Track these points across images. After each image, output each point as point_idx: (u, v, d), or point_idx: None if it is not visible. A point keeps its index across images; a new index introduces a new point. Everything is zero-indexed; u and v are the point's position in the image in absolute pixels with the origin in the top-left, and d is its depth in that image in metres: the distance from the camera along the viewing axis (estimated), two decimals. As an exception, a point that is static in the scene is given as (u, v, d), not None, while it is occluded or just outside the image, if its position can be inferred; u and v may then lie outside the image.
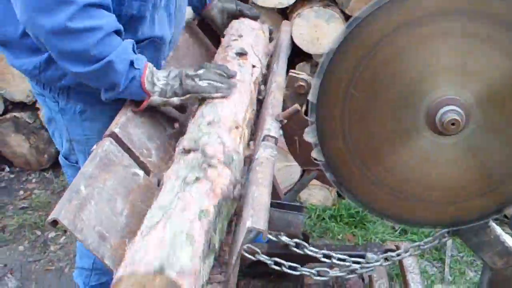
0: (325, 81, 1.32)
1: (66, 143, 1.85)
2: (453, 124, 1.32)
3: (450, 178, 1.44)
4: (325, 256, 1.68)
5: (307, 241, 2.48)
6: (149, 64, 1.60)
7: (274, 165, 1.44)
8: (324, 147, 1.39)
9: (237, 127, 1.54)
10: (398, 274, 2.57)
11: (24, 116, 3.24)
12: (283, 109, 1.71)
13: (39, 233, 2.93)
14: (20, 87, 3.15)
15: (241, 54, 1.85)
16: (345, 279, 2.67)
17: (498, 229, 1.65)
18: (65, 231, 2.91)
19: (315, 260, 1.67)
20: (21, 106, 3.28)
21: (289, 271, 1.60)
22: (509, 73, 1.31)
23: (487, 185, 1.45)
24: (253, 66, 1.86)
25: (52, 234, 2.91)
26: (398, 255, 1.80)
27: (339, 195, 3.07)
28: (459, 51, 1.30)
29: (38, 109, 3.19)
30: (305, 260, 1.65)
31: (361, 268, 1.74)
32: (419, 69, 1.31)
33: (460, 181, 1.45)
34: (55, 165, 3.40)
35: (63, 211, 1.19)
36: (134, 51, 1.57)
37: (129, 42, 1.56)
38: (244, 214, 1.26)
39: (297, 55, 2.89)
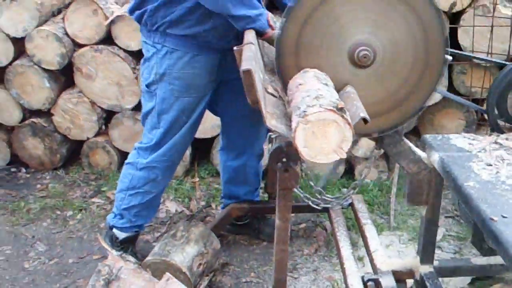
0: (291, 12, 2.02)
1: (153, 75, 2.61)
2: (365, 57, 2.04)
3: (366, 99, 2.12)
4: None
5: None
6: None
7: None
8: (280, 62, 2.07)
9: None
10: (354, 225, 3.22)
11: (40, 121, 3.87)
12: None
13: (59, 212, 3.51)
14: (38, 97, 3.77)
15: None
16: (311, 230, 3.35)
17: (409, 143, 2.35)
18: (80, 210, 3.53)
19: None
20: (37, 113, 3.91)
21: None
22: (406, 33, 2.04)
23: (392, 103, 2.16)
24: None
25: (69, 213, 3.51)
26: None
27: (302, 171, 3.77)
28: (374, 11, 2.02)
29: (52, 114, 3.84)
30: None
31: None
32: (347, 19, 2.03)
33: (373, 102, 2.14)
34: (65, 164, 4.03)
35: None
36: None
37: None
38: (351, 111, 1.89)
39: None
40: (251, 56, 1.97)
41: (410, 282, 2.56)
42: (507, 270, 2.57)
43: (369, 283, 2.43)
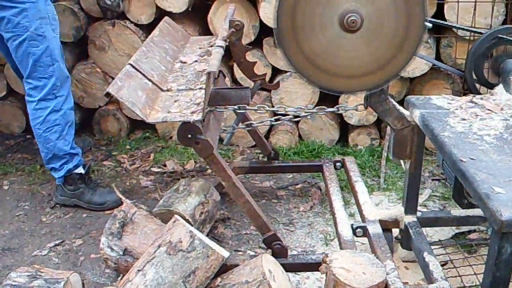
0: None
1: (38, 20, 3.06)
2: (353, 22, 2.28)
3: (355, 61, 2.37)
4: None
5: (277, 158, 3.43)
6: None
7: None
8: (278, 20, 2.28)
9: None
10: (347, 185, 3.48)
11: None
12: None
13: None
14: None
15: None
16: (306, 190, 3.61)
17: (394, 101, 2.61)
18: (93, 171, 3.79)
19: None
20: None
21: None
22: (389, 2, 2.26)
23: (377, 65, 2.40)
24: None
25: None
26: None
27: (300, 138, 4.05)
28: None
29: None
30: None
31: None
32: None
33: (361, 63, 2.38)
34: (78, 131, 4.12)
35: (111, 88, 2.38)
36: None
37: None
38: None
39: (263, 33, 3.86)
40: (121, 76, 2.52)
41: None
42: (483, 221, 2.83)
43: (358, 230, 2.68)
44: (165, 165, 3.88)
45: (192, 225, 2.82)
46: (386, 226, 2.75)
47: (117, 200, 3.30)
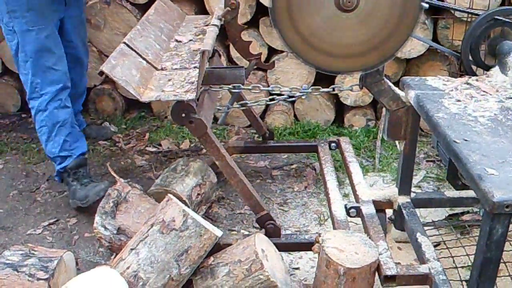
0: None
1: (7, 15, 2.95)
2: (349, 1, 2.26)
3: (350, 40, 2.36)
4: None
5: (272, 138, 3.42)
6: None
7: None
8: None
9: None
10: (342, 166, 3.49)
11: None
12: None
13: (67, 152, 3.79)
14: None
15: None
16: (301, 170, 3.61)
17: (389, 82, 2.60)
18: (87, 150, 3.78)
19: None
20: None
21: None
22: None
23: (373, 45, 2.38)
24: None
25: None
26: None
27: (295, 118, 4.05)
28: None
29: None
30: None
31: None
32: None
33: (356, 42, 2.36)
34: (73, 110, 4.27)
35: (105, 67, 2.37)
36: None
37: None
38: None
39: (260, 12, 3.84)
40: (115, 56, 2.48)
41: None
42: (477, 203, 2.83)
43: (351, 210, 2.69)
44: (160, 145, 3.88)
45: (188, 207, 2.83)
46: (380, 206, 2.76)
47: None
